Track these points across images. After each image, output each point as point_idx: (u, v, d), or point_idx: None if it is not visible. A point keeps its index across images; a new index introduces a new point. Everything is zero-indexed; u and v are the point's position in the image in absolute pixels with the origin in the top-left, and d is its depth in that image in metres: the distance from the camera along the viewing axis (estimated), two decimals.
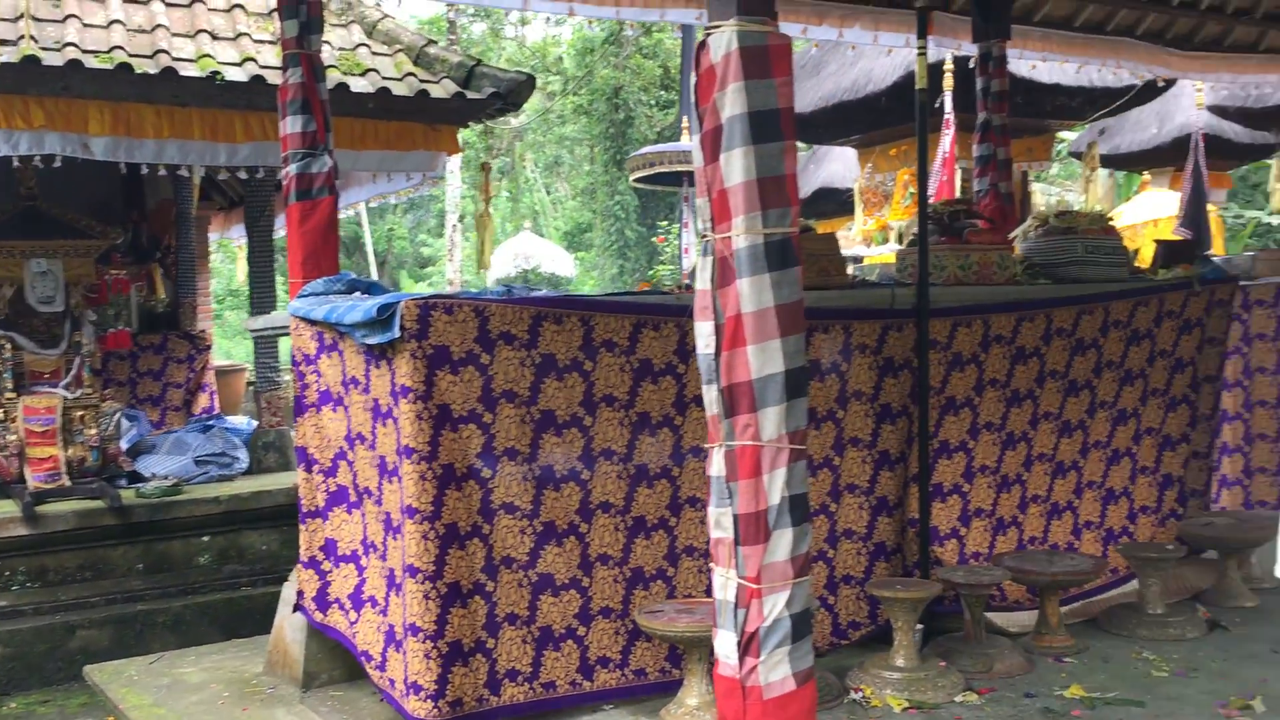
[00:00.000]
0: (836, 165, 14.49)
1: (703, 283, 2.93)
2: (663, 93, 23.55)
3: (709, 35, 2.87)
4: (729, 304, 2.87)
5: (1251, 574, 5.33)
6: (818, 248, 4.56)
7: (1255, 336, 6.60)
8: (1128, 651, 4.46)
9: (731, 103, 2.82)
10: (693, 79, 2.93)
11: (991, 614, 4.63)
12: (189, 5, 7.52)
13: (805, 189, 14.67)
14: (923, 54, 4.57)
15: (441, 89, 7.55)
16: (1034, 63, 8.36)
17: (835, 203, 14.26)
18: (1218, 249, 11.32)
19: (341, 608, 4.29)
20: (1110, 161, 13.56)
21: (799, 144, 13.89)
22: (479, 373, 3.74)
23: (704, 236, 2.92)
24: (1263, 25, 7.83)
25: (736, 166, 2.82)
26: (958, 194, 8.94)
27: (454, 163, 18.80)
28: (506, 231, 24.83)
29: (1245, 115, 11.59)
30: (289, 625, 4.58)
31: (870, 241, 10.76)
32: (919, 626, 4.21)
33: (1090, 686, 4.05)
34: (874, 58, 9.70)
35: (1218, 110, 11.65)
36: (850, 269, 5.87)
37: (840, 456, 4.50)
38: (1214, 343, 5.69)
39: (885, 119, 10.05)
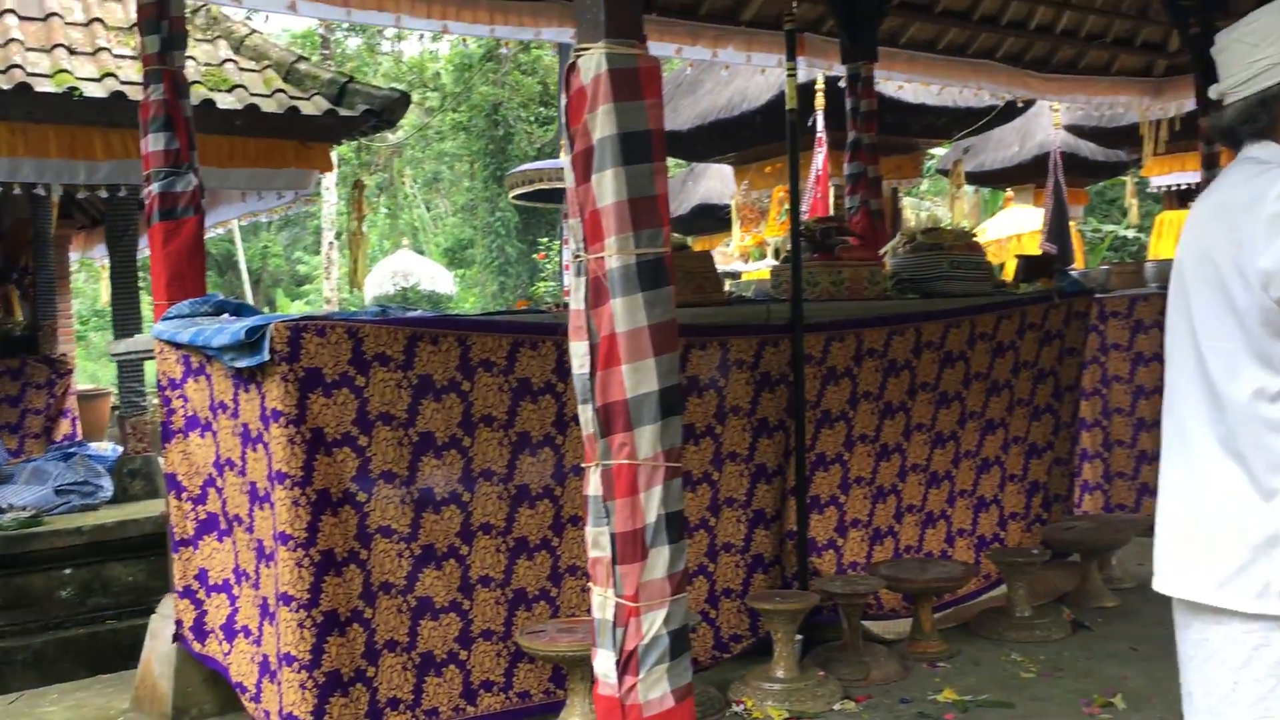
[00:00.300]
0: (714, 182, 14.66)
1: (577, 303, 2.93)
2: (542, 109, 23.53)
3: (579, 57, 2.88)
4: (603, 324, 2.87)
5: (1112, 575, 5.56)
6: (693, 265, 4.61)
7: (1111, 346, 6.89)
8: (997, 654, 4.61)
9: (602, 124, 2.83)
10: (563, 100, 2.94)
11: (869, 622, 4.73)
12: (45, 19, 7.24)
13: (684, 206, 14.81)
14: (792, 75, 4.66)
15: (313, 106, 7.42)
16: (901, 84, 8.62)
17: (713, 219, 14.44)
18: (1078, 263, 11.82)
19: (217, 638, 4.16)
20: (975, 178, 14.06)
21: (678, 161, 14.05)
22: (354, 395, 3.68)
23: (578, 257, 2.92)
24: (1113, 49, 8.24)
25: (608, 187, 2.83)
26: (831, 211, 9.14)
27: (330, 179, 18.50)
28: (385, 249, 24.48)
29: (1099, 134, 12.13)
30: (157, 659, 4.41)
31: (748, 257, 10.91)
32: (799, 637, 4.28)
33: (962, 689, 4.16)
34: (749, 77, 9.86)
35: (1074, 129, 12.17)
36: (727, 285, 5.95)
37: (719, 471, 4.55)
38: (1073, 353, 5.92)
39: (760, 137, 10.22)
